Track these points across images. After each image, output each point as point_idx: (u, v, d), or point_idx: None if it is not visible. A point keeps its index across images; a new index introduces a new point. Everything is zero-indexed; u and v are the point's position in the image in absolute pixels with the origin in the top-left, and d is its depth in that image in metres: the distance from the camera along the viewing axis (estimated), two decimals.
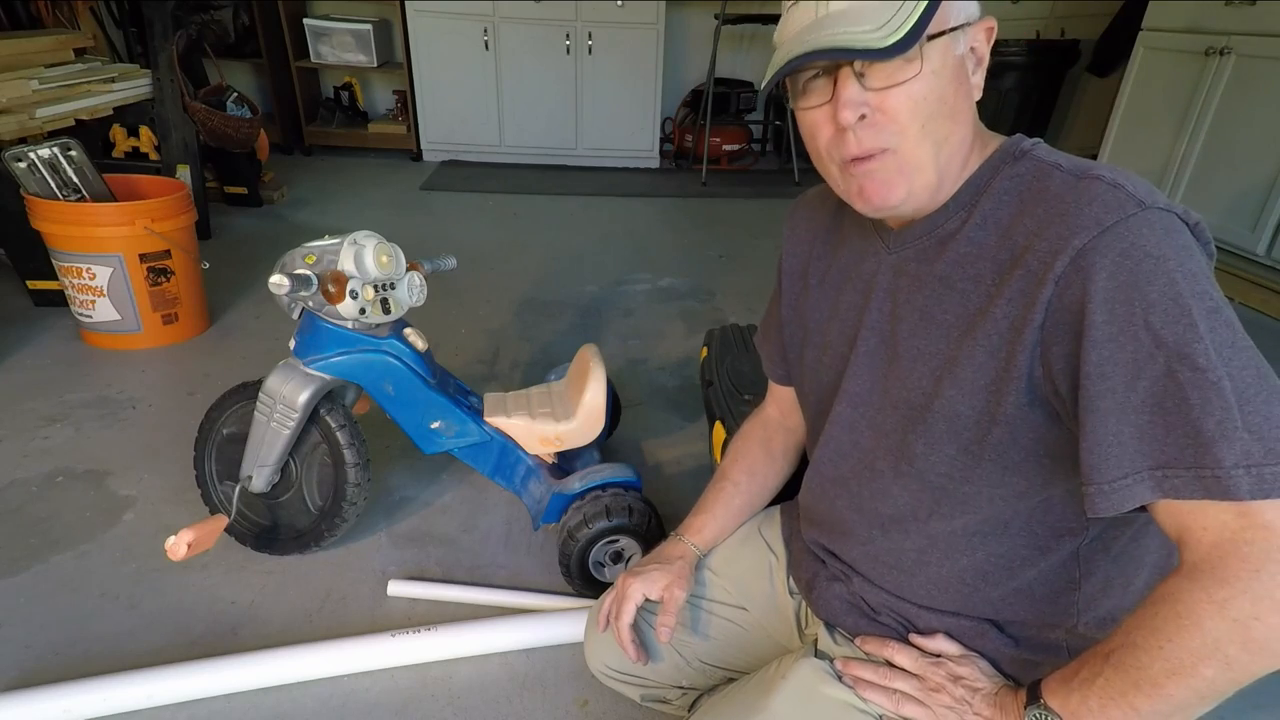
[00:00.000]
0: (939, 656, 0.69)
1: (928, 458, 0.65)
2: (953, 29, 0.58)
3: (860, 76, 0.58)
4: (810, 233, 0.84)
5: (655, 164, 4.23)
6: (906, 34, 0.55)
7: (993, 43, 0.63)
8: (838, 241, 0.80)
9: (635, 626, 0.85)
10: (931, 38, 0.57)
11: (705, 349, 1.64)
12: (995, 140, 0.66)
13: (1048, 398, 0.58)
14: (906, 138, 0.60)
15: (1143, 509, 0.53)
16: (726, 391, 1.41)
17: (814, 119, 0.63)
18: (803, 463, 0.93)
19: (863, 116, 0.59)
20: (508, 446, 1.29)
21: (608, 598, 0.88)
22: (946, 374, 0.63)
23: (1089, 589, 0.66)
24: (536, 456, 1.31)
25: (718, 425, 1.36)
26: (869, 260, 0.73)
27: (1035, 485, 0.62)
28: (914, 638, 0.71)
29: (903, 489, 0.69)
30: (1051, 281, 0.55)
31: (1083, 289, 0.53)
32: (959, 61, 0.60)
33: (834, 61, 0.59)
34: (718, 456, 1.36)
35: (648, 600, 0.85)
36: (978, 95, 0.63)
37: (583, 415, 1.27)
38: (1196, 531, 0.50)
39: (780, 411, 0.97)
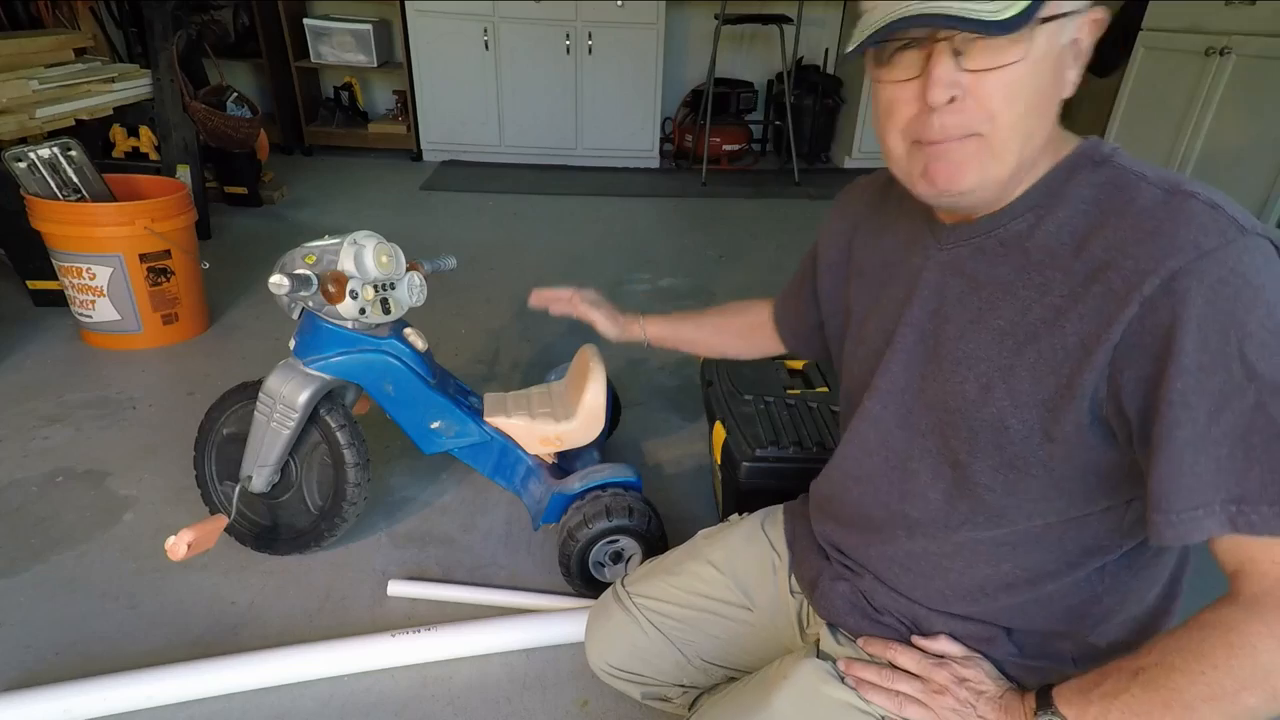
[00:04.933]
0: (942, 658, 0.68)
1: (970, 466, 0.63)
2: (1064, 15, 0.54)
3: (957, 55, 0.54)
4: (851, 224, 0.81)
5: (655, 164, 4.23)
6: (1023, 10, 0.50)
7: (1097, 37, 0.57)
8: (879, 232, 0.77)
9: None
10: (1043, 21, 0.52)
11: None
12: (1070, 141, 0.62)
13: (1108, 419, 0.56)
14: (997, 126, 0.55)
15: None
16: (726, 391, 1.41)
17: (895, 94, 0.58)
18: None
19: (953, 99, 0.55)
20: (508, 446, 1.29)
21: None
22: (999, 383, 0.60)
23: (1109, 602, 0.65)
24: (536, 456, 1.31)
25: (718, 425, 1.36)
26: (915, 255, 0.69)
27: (1077, 503, 0.61)
28: (916, 639, 0.70)
29: (939, 494, 0.67)
30: (1136, 302, 0.52)
31: (1173, 313, 0.50)
32: (1061, 52, 0.55)
33: (932, 33, 0.54)
34: (717, 457, 1.36)
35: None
36: (1069, 93, 0.58)
37: (583, 415, 1.27)
38: (1264, 564, 0.50)
39: (771, 320, 1.03)
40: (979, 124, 0.56)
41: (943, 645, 0.69)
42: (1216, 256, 0.50)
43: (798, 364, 1.56)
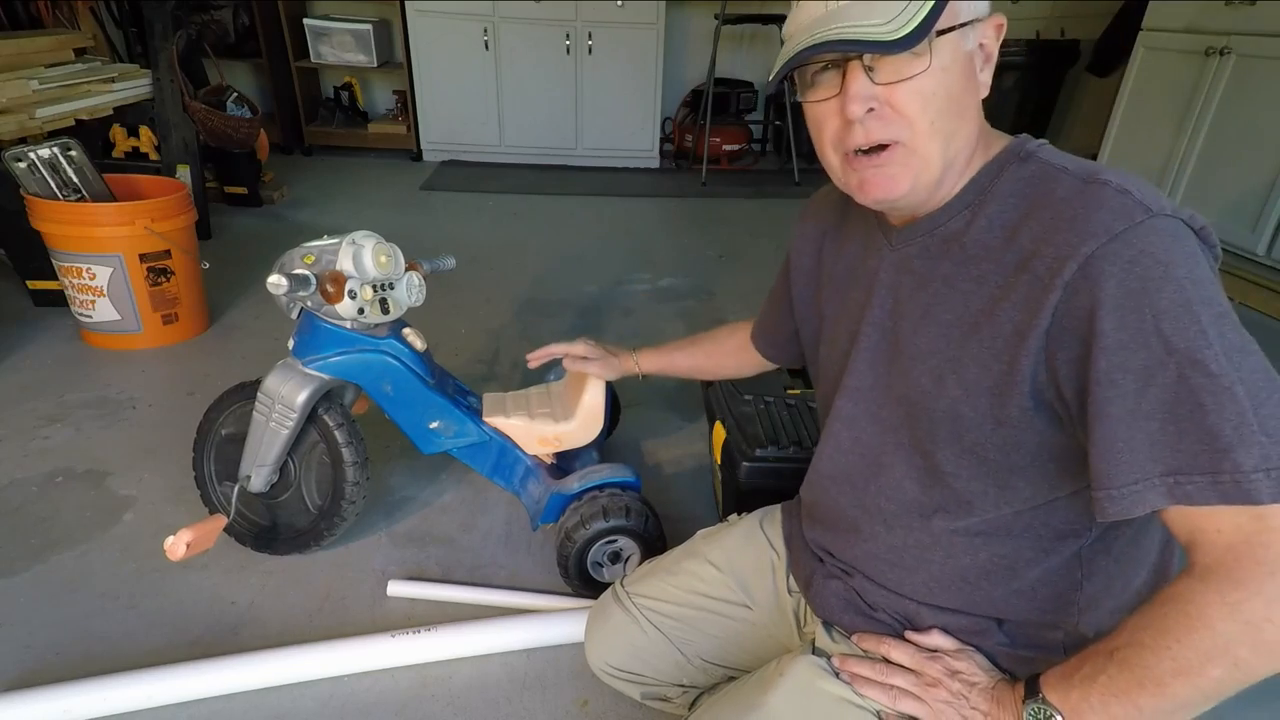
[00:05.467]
0: (935, 651, 0.69)
1: (935, 455, 0.66)
2: (962, 24, 0.59)
3: (869, 70, 0.59)
4: (820, 231, 0.85)
5: (655, 164, 4.23)
6: (915, 28, 0.56)
7: (1001, 39, 0.63)
8: (844, 238, 0.80)
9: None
10: (941, 33, 0.57)
11: None
12: (1000, 140, 0.66)
13: (1051, 402, 0.58)
14: (916, 132, 0.60)
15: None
16: (726, 391, 1.41)
17: (821, 112, 0.64)
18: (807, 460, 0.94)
19: (871, 110, 0.60)
20: (506, 447, 1.29)
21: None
22: (950, 374, 0.63)
23: (1090, 589, 0.66)
24: (535, 457, 1.31)
25: (717, 425, 1.36)
26: (872, 256, 0.73)
27: (1041, 489, 0.62)
28: (909, 633, 0.71)
29: (913, 483, 0.69)
30: (1059, 287, 0.55)
31: (1091, 296, 0.53)
32: (968, 58, 0.60)
33: (843, 55, 0.59)
34: (717, 457, 1.36)
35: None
36: (984, 93, 0.63)
37: (581, 416, 1.27)
38: (1210, 534, 0.50)
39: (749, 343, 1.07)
40: (898, 131, 0.60)
41: (935, 639, 0.70)
42: (1125, 238, 0.53)
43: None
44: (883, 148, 0.62)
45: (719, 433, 1.35)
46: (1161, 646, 0.51)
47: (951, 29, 0.58)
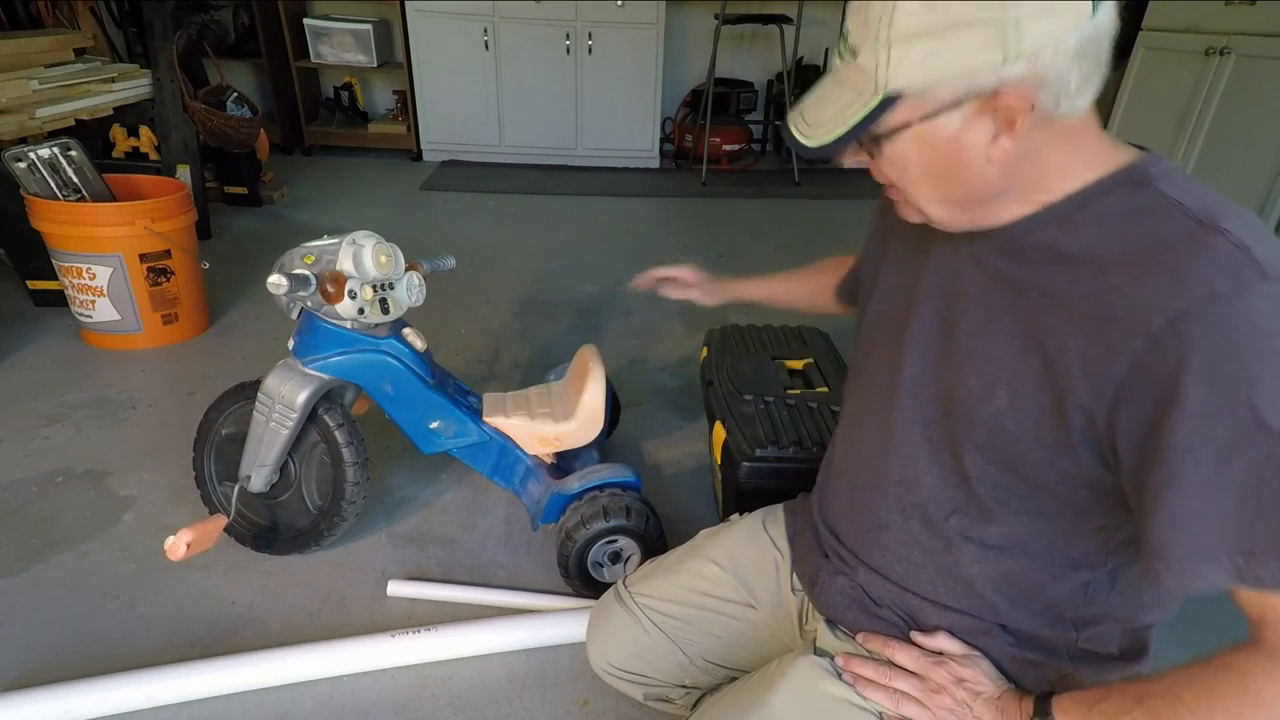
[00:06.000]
0: (941, 655, 0.69)
1: (963, 457, 0.64)
2: (931, 115, 0.53)
3: None
4: None
5: (655, 164, 4.23)
6: (828, 143, 0.56)
7: (1031, 108, 0.52)
8: None
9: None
10: (892, 132, 0.55)
11: (705, 349, 1.64)
12: (1119, 154, 0.58)
13: (1099, 444, 0.56)
14: (904, 184, 0.61)
15: None
16: (726, 391, 1.41)
17: None
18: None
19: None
20: (506, 447, 1.29)
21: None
22: (1002, 385, 0.60)
23: (1091, 612, 0.66)
24: (535, 457, 1.31)
25: (718, 425, 1.36)
26: (947, 242, 0.68)
27: (1066, 513, 0.61)
28: (915, 635, 0.71)
29: (935, 479, 0.67)
30: (1141, 336, 0.50)
31: (1179, 355, 0.49)
32: (954, 137, 0.54)
33: None
34: (717, 457, 1.36)
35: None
36: (1005, 157, 0.55)
37: (581, 415, 1.27)
38: None
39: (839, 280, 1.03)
40: (890, 180, 0.62)
41: (941, 642, 0.69)
42: (1228, 302, 0.48)
43: (798, 364, 1.56)
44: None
45: (719, 433, 1.35)
46: (1203, 709, 0.50)
47: (908, 126, 0.54)
